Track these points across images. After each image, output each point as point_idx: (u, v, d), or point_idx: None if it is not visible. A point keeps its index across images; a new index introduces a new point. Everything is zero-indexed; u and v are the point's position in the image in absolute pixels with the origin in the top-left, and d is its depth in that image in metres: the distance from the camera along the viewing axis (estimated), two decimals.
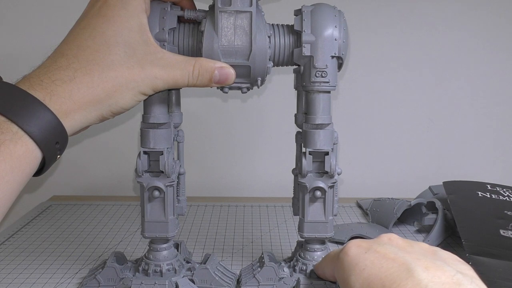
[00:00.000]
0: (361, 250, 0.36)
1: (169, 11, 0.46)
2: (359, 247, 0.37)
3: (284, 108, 0.75)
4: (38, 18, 0.90)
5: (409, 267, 0.33)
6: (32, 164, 0.38)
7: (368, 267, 0.35)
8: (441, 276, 0.31)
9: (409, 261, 0.33)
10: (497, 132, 0.97)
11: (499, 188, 0.74)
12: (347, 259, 0.37)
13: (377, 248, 0.36)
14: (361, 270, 0.35)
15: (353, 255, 0.37)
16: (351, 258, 0.36)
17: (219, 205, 0.85)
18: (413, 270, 0.32)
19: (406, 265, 0.33)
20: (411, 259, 0.34)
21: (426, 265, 0.33)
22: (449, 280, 0.31)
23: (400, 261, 0.34)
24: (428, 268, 0.32)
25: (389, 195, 0.85)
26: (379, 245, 0.37)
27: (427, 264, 0.33)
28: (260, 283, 0.51)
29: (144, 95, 0.44)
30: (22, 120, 0.37)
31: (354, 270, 0.35)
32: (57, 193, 0.93)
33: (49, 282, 0.55)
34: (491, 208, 0.66)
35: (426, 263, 0.33)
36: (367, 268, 0.35)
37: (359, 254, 0.36)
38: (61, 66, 0.40)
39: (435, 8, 0.92)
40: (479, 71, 0.94)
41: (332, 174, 0.50)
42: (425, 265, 0.33)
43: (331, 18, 0.47)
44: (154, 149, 0.49)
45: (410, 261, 0.33)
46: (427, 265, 0.33)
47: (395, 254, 0.35)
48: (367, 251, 0.36)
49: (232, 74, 0.45)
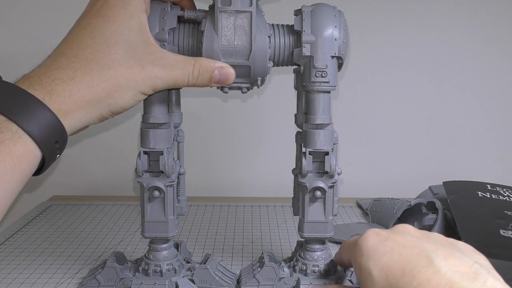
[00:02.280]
0: (381, 238, 0.37)
1: (169, 11, 0.46)
2: (378, 235, 0.38)
3: (284, 108, 0.75)
4: (38, 18, 0.90)
5: (428, 255, 0.33)
6: (31, 163, 0.38)
7: (388, 253, 0.35)
8: (460, 266, 0.32)
9: (428, 250, 0.34)
10: (497, 132, 0.97)
11: (499, 188, 0.74)
12: (367, 245, 0.37)
13: (396, 237, 0.37)
14: (381, 255, 0.35)
15: (373, 242, 0.37)
16: (371, 245, 0.37)
17: (219, 205, 0.85)
18: (432, 258, 0.33)
19: (426, 253, 0.33)
20: (429, 248, 0.34)
21: (444, 255, 0.33)
22: (467, 269, 0.31)
23: (419, 249, 0.34)
24: (446, 257, 0.33)
25: (389, 195, 0.85)
26: (398, 234, 0.37)
27: (445, 253, 0.33)
28: (260, 283, 0.51)
29: (144, 94, 0.44)
30: (22, 119, 0.37)
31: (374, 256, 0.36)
32: (57, 193, 0.93)
33: (49, 282, 0.55)
34: (491, 208, 0.66)
35: (444, 253, 0.33)
36: (387, 254, 0.35)
37: (379, 241, 0.37)
38: (61, 66, 0.40)
39: (435, 8, 0.92)
40: (479, 71, 0.94)
41: (332, 174, 0.50)
42: (444, 255, 0.33)
43: (331, 18, 0.47)
44: (154, 149, 0.49)
45: (429, 249, 0.34)
46: (445, 254, 0.33)
47: (414, 243, 0.35)
48: (386, 239, 0.37)
49: (232, 74, 0.45)
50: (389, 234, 0.37)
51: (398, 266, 0.33)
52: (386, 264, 0.34)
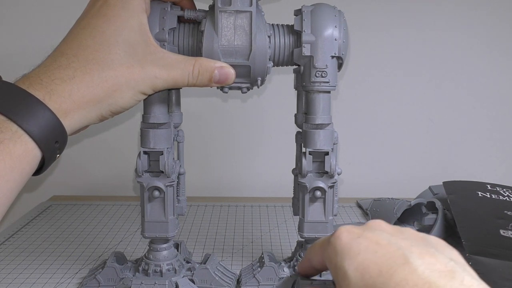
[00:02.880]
0: (353, 236, 0.36)
1: (169, 11, 0.46)
2: (350, 233, 0.36)
3: (284, 108, 0.75)
4: (38, 18, 0.90)
5: (404, 253, 0.32)
6: (31, 163, 0.38)
7: (362, 252, 0.34)
8: (436, 264, 0.31)
9: (403, 248, 0.33)
10: (497, 132, 0.97)
11: (499, 188, 0.74)
12: (340, 243, 0.36)
13: (369, 234, 0.36)
14: (356, 254, 0.34)
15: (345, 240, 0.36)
16: (344, 243, 0.36)
17: (219, 205, 0.85)
18: (408, 256, 0.32)
19: (401, 251, 0.33)
20: (404, 245, 0.33)
21: (419, 252, 0.32)
22: (443, 267, 0.31)
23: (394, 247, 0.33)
24: (422, 255, 0.32)
25: (389, 195, 0.85)
26: (370, 231, 0.36)
27: (420, 251, 0.33)
28: (260, 283, 0.51)
29: (144, 94, 0.44)
30: (22, 119, 0.37)
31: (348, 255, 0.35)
32: (57, 193, 0.93)
33: (49, 282, 0.55)
34: (491, 208, 0.66)
35: (419, 250, 0.33)
36: (361, 252, 0.34)
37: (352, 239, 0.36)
38: (61, 65, 0.40)
39: (435, 8, 0.92)
40: (479, 71, 0.94)
41: (332, 174, 0.50)
42: (419, 252, 0.32)
43: (331, 18, 0.47)
44: (154, 149, 0.49)
45: (404, 247, 0.33)
46: (420, 252, 0.32)
47: (388, 240, 0.34)
48: (360, 237, 0.35)
49: (232, 74, 0.45)
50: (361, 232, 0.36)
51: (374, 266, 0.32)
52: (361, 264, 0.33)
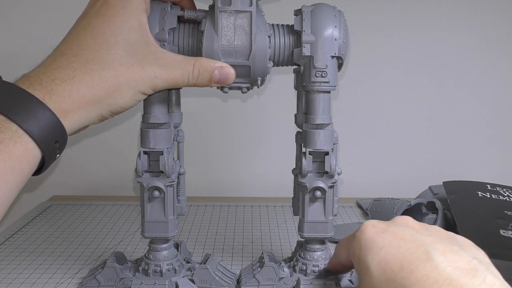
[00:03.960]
0: (378, 230, 0.36)
1: (169, 11, 0.46)
2: (376, 227, 0.37)
3: (284, 108, 0.75)
4: (38, 18, 0.90)
5: (427, 249, 0.32)
6: (31, 163, 0.38)
7: (386, 246, 0.34)
8: (458, 261, 0.31)
9: (427, 244, 0.33)
10: (497, 132, 0.97)
11: (499, 188, 0.74)
12: (364, 237, 0.36)
13: (394, 229, 0.36)
14: (379, 249, 0.34)
15: (370, 235, 0.36)
16: (368, 237, 0.36)
17: (219, 205, 0.85)
18: (431, 253, 0.32)
19: (424, 247, 0.33)
20: (428, 242, 0.33)
21: (443, 249, 0.32)
22: (466, 265, 0.31)
23: (418, 243, 0.33)
24: (445, 252, 0.32)
25: (389, 195, 0.85)
26: (396, 226, 0.36)
27: (444, 248, 0.33)
28: (260, 283, 0.51)
29: (144, 94, 0.44)
30: (22, 119, 0.37)
31: (372, 249, 0.35)
32: (57, 193, 0.93)
33: (49, 282, 0.55)
34: (491, 208, 0.66)
35: (443, 247, 0.33)
36: (385, 247, 0.34)
37: (377, 234, 0.36)
38: (61, 65, 0.40)
39: (435, 8, 0.92)
40: (479, 71, 0.94)
41: (332, 174, 0.50)
42: (442, 249, 0.32)
43: (331, 18, 0.47)
44: (154, 149, 0.49)
45: (427, 243, 0.33)
46: (444, 249, 0.32)
47: (413, 236, 0.34)
48: (384, 231, 0.36)
49: (232, 74, 0.45)
50: (387, 226, 0.36)
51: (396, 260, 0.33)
52: (383, 258, 0.33)
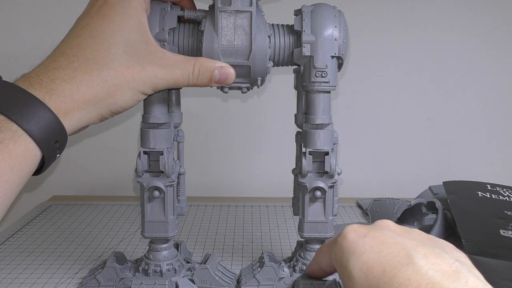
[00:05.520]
0: (360, 235, 0.36)
1: (169, 11, 0.46)
2: (357, 232, 0.36)
3: (284, 108, 0.75)
4: (38, 18, 0.90)
5: (409, 253, 0.32)
6: (31, 163, 0.38)
7: (367, 251, 0.34)
8: (441, 264, 0.31)
9: (409, 247, 0.33)
10: (497, 132, 0.97)
11: (499, 188, 0.74)
12: (346, 242, 0.36)
13: (375, 233, 0.35)
14: (360, 254, 0.34)
15: (351, 240, 0.36)
16: (350, 242, 0.36)
17: (219, 205, 0.85)
18: (413, 256, 0.32)
19: (406, 251, 0.32)
20: (410, 245, 0.33)
21: (425, 252, 0.32)
22: (448, 268, 0.31)
23: (399, 247, 0.33)
24: (427, 255, 0.32)
25: (389, 195, 0.85)
26: (377, 230, 0.36)
27: (426, 251, 0.32)
28: (260, 283, 0.51)
29: (144, 94, 0.44)
30: (22, 119, 0.37)
31: (354, 254, 0.34)
32: (57, 193, 0.93)
33: (49, 282, 0.55)
34: (491, 208, 0.66)
35: (425, 250, 0.32)
36: (366, 252, 0.34)
37: (358, 239, 0.35)
38: (61, 65, 0.40)
39: (435, 8, 0.92)
40: (479, 71, 0.94)
41: (332, 174, 0.50)
42: (424, 252, 0.32)
43: (331, 18, 0.47)
44: (154, 149, 0.49)
45: (409, 247, 0.33)
46: (425, 252, 0.32)
47: (394, 239, 0.34)
48: (366, 236, 0.35)
49: (232, 74, 0.45)
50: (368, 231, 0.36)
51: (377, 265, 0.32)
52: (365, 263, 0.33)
